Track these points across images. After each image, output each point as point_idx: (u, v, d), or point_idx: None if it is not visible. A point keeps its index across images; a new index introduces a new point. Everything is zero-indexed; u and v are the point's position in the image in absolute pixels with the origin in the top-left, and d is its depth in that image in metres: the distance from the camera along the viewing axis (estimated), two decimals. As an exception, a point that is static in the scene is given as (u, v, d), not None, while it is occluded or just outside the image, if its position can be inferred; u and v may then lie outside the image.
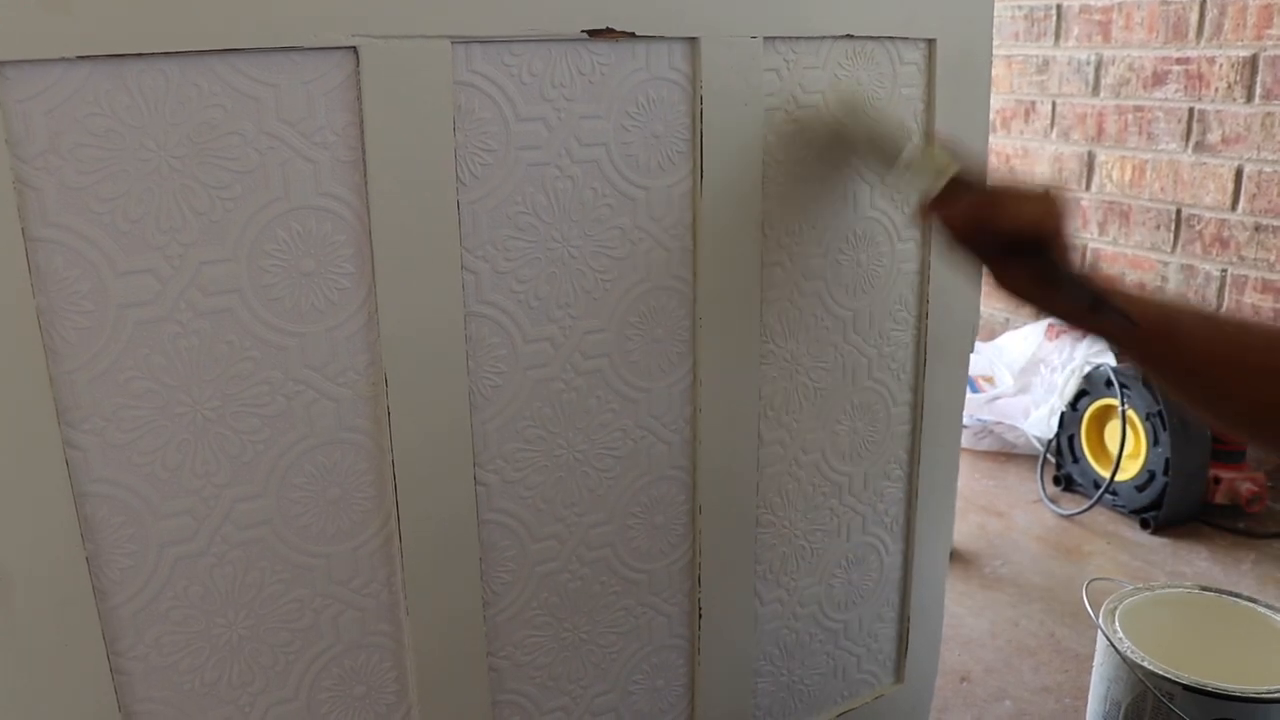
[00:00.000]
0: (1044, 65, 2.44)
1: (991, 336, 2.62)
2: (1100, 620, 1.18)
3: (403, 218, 0.79)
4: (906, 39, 1.02)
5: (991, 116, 2.56)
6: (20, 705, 0.73)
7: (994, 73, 2.49)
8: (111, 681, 0.76)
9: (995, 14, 1.10)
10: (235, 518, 0.79)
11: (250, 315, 0.76)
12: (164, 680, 0.80)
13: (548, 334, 0.90)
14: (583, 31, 0.83)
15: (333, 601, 0.85)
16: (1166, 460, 1.89)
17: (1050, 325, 2.37)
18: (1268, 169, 2.02)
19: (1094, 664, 1.22)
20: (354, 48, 0.75)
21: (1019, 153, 2.54)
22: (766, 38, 0.93)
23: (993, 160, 2.59)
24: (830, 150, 1.00)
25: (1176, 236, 2.22)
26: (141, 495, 0.75)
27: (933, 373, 1.14)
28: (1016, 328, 2.54)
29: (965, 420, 2.13)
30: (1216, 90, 2.09)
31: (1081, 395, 2.08)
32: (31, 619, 0.72)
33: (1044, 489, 2.12)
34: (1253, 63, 2.02)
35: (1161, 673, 1.09)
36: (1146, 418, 1.93)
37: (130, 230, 0.71)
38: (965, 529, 1.96)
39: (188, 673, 0.81)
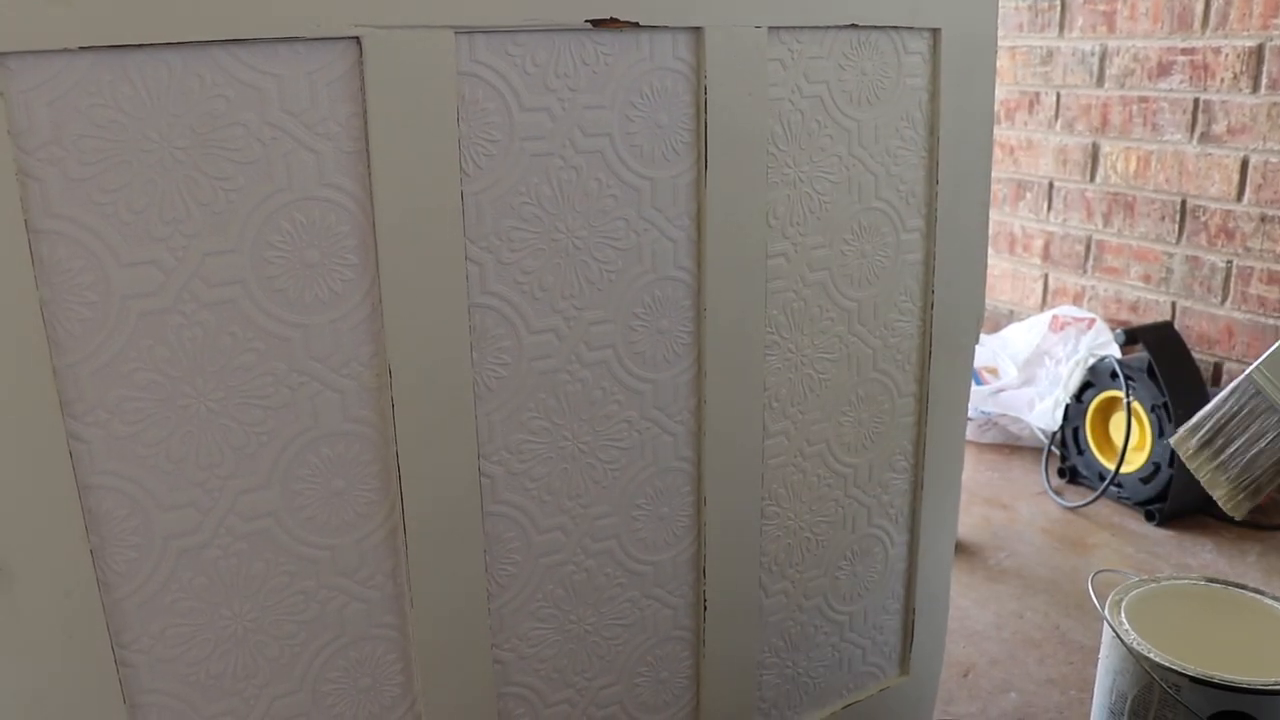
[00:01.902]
0: (1048, 56, 2.44)
1: (996, 328, 2.61)
2: (1106, 612, 1.17)
3: (406, 208, 0.79)
4: (911, 29, 1.02)
5: (995, 108, 2.55)
6: (25, 698, 0.73)
7: (998, 63, 2.48)
8: (116, 674, 0.76)
9: (1000, 4, 1.10)
10: (239, 509, 0.79)
11: (254, 306, 0.76)
12: (169, 672, 0.80)
13: (552, 325, 0.89)
14: (586, 21, 0.83)
15: (338, 593, 0.85)
16: (1172, 452, 1.89)
17: (1055, 317, 2.36)
18: (1274, 159, 2.02)
19: (1099, 656, 1.22)
20: (357, 38, 0.75)
21: (1023, 144, 2.53)
22: (771, 27, 0.93)
23: (996, 152, 2.58)
24: None
25: (1181, 228, 2.21)
26: (145, 487, 0.75)
27: (937, 364, 1.14)
28: (1021, 320, 2.53)
29: (970, 412, 2.12)
30: (1222, 81, 2.08)
31: (1086, 387, 2.08)
32: (36, 611, 0.72)
33: (1048, 481, 2.11)
34: (1259, 53, 2.01)
35: (1168, 664, 1.08)
36: (1151, 410, 1.92)
37: (133, 221, 0.70)
38: (970, 521, 1.96)
39: (193, 665, 0.81)
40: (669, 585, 1.04)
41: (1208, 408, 0.92)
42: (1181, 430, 0.93)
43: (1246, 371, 0.91)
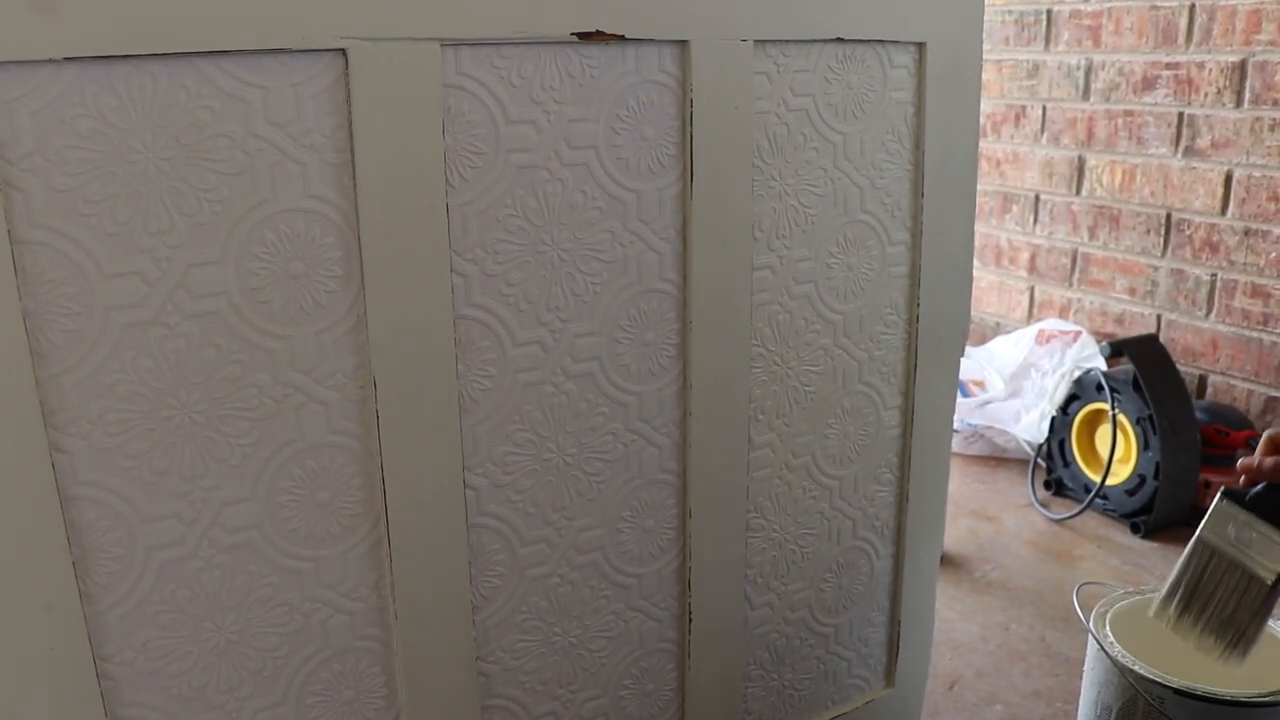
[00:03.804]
0: (1034, 70, 2.45)
1: (982, 341, 2.62)
2: (1091, 624, 1.17)
3: (391, 220, 0.79)
4: (897, 43, 1.02)
5: (982, 121, 2.57)
6: (5, 710, 0.73)
7: (985, 77, 2.49)
8: (98, 686, 0.76)
9: (985, 18, 1.10)
10: (223, 521, 0.79)
11: (238, 318, 0.76)
12: (151, 685, 0.79)
13: (537, 337, 0.89)
14: (572, 34, 0.83)
15: (321, 605, 0.85)
16: (1157, 464, 1.89)
17: (1041, 330, 2.37)
18: (1257, 173, 2.03)
19: (1084, 668, 1.22)
20: (343, 50, 0.75)
21: (1009, 157, 2.55)
22: (756, 41, 0.93)
23: (982, 165, 2.59)
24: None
25: (1166, 241, 2.22)
26: (128, 499, 0.75)
27: (923, 376, 1.14)
28: (1007, 332, 2.54)
29: (956, 424, 2.13)
30: (1206, 95, 2.09)
31: (1072, 400, 2.08)
32: (17, 623, 0.72)
33: (1034, 493, 2.12)
34: (1241, 68, 2.02)
35: (1152, 677, 1.08)
36: (1137, 422, 1.93)
37: (117, 232, 0.70)
38: (956, 533, 1.96)
39: (175, 677, 0.80)
40: (654, 598, 1.04)
41: (1174, 575, 0.94)
42: (1159, 603, 0.96)
43: (1195, 535, 0.93)
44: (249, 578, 0.81)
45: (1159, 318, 2.26)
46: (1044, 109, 2.45)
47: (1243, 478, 0.90)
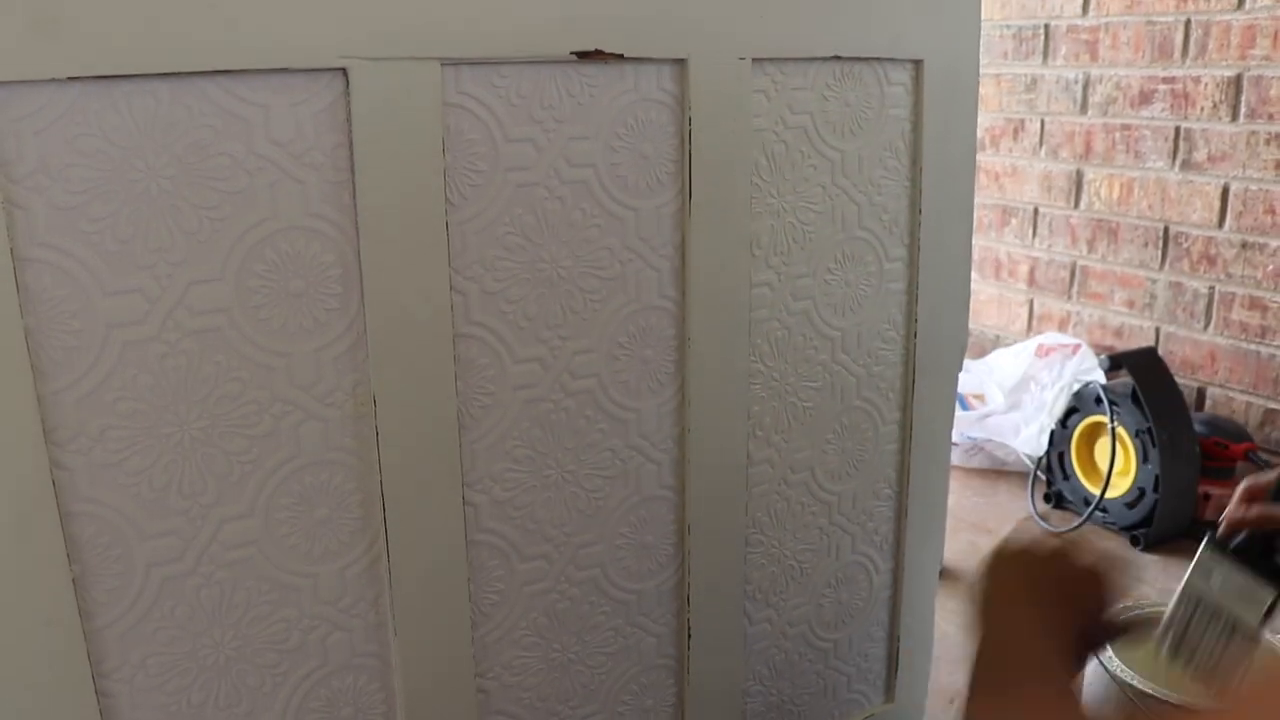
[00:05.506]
0: (1032, 84, 2.46)
1: (982, 354, 2.62)
2: (1089, 639, 1.17)
3: (391, 238, 0.79)
4: (894, 60, 1.03)
5: (981, 135, 2.57)
6: (4, 728, 0.73)
7: (983, 91, 2.50)
8: (97, 703, 0.76)
9: (984, 33, 1.11)
10: (222, 538, 0.79)
11: (238, 335, 0.76)
12: (150, 702, 0.79)
13: (537, 354, 0.90)
14: (571, 53, 0.84)
15: (320, 622, 0.85)
16: (1156, 477, 1.89)
17: (1040, 344, 2.37)
18: (1253, 187, 2.03)
19: (1083, 684, 1.22)
20: (343, 69, 0.75)
21: (1008, 171, 2.55)
22: (754, 59, 0.93)
23: (981, 178, 2.60)
24: None
25: (1164, 254, 2.23)
26: (128, 515, 0.75)
27: (921, 391, 1.15)
28: (1007, 345, 2.54)
29: (956, 438, 2.13)
30: (1202, 109, 2.10)
31: (1071, 412, 2.08)
32: (17, 640, 0.72)
33: (1034, 506, 2.12)
34: (1237, 82, 2.03)
35: (1151, 692, 1.08)
36: (1136, 435, 1.93)
37: (119, 250, 0.71)
38: (956, 547, 1.96)
39: (174, 694, 0.80)
40: (653, 613, 1.04)
41: (1164, 621, 0.95)
42: (1154, 643, 0.97)
43: (1180, 585, 0.94)
44: (248, 594, 0.81)
45: (1158, 330, 2.26)
46: (1042, 122, 2.45)
47: (1223, 527, 0.90)
